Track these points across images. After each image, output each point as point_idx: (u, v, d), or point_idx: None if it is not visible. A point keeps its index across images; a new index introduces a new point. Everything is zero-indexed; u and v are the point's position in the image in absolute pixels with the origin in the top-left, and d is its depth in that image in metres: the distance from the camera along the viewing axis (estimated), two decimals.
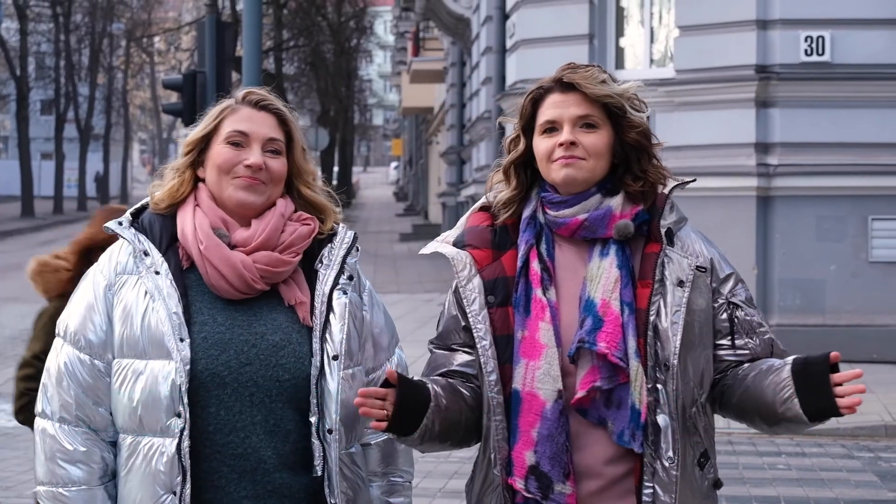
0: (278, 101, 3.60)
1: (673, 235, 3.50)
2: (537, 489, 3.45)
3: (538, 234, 3.55)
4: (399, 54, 57.82)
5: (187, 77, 17.16)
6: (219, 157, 3.51)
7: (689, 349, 3.44)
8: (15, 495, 9.73)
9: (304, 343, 3.46)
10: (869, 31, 15.64)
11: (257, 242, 3.45)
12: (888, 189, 15.55)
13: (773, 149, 15.70)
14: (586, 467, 3.45)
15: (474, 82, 27.51)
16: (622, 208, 3.49)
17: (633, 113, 3.52)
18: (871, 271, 15.62)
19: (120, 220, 3.55)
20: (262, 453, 3.41)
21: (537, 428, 3.44)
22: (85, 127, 59.56)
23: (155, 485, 3.37)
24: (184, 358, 3.35)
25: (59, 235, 44.86)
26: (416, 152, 59.39)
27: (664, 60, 17.07)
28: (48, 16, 57.59)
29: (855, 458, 11.17)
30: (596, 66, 3.60)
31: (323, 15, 41.15)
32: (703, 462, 3.49)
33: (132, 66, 65.47)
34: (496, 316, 3.51)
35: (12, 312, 22.09)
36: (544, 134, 3.52)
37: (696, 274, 3.47)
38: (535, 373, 3.45)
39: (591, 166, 3.49)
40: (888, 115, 15.55)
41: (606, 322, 3.42)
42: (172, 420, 3.35)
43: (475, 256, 3.56)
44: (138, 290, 3.44)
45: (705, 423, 3.51)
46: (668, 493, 3.41)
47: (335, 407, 3.42)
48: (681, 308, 3.43)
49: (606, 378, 3.41)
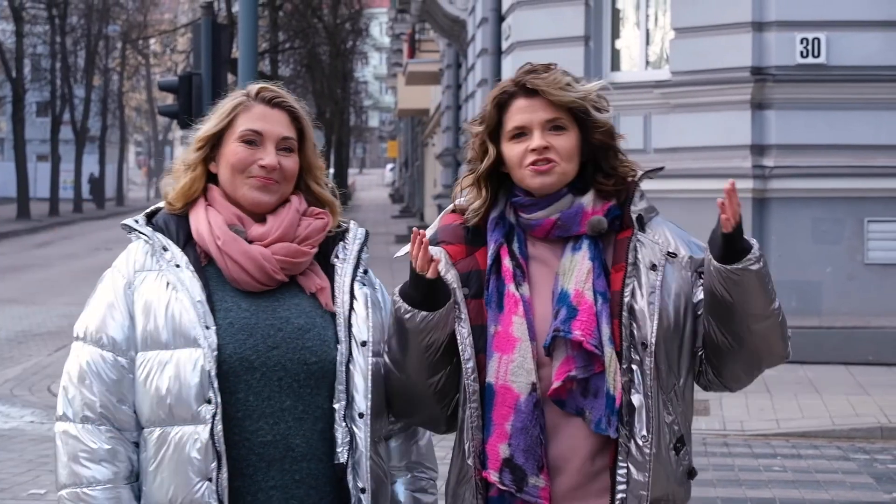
0: (291, 98, 3.59)
1: (644, 222, 3.54)
2: (512, 482, 3.46)
3: (508, 233, 3.58)
4: (395, 56, 57.79)
5: (183, 79, 17.16)
6: (233, 157, 3.50)
7: (664, 332, 3.46)
8: (10, 497, 9.71)
9: (328, 328, 3.48)
10: (865, 32, 15.64)
11: (275, 236, 3.47)
12: (884, 191, 15.55)
13: (769, 151, 15.70)
14: (563, 460, 3.47)
15: (470, 84, 27.50)
16: (593, 205, 3.54)
17: (595, 114, 3.55)
18: (867, 273, 15.62)
19: (136, 219, 3.55)
20: (291, 441, 3.41)
21: (511, 421, 3.45)
22: (81, 129, 59.53)
23: (189, 472, 3.35)
24: (211, 344, 3.35)
25: (54, 237, 44.86)
26: (411, 154, 59.39)
27: (660, 62, 17.07)
28: (44, 18, 57.54)
29: (850, 460, 11.17)
30: (554, 65, 3.61)
31: (319, 17, 41.15)
32: (678, 447, 3.51)
33: (128, 68, 65.42)
34: (471, 306, 3.54)
35: (9, 314, 22.05)
36: (513, 140, 3.55)
37: (668, 259, 3.51)
38: (508, 366, 3.47)
39: (563, 169, 3.53)
40: (884, 117, 15.56)
41: (580, 311, 3.45)
42: (203, 406, 3.34)
43: (449, 251, 3.60)
44: (159, 284, 3.43)
45: (683, 409, 3.53)
46: (642, 471, 3.43)
47: (365, 389, 3.43)
48: (655, 290, 3.46)
49: (582, 367, 3.44)
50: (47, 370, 16.01)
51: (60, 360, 17.66)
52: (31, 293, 25.74)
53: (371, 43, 64.59)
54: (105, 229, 49.62)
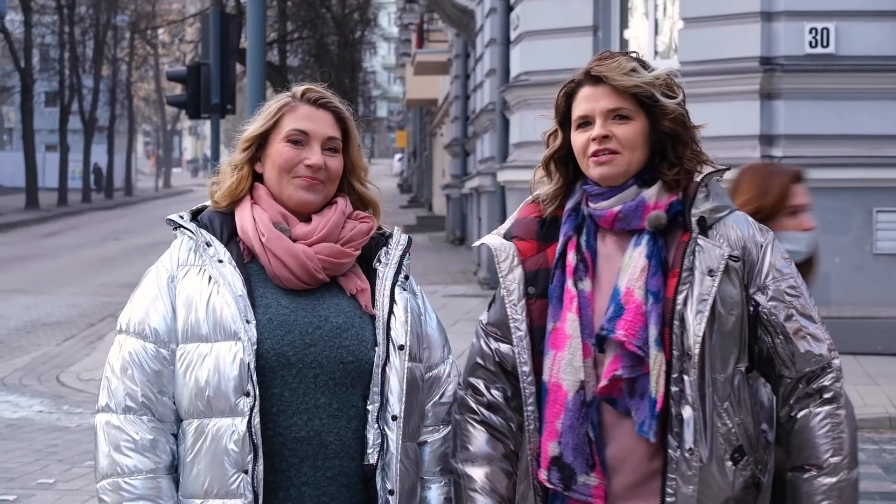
0: (336, 99, 3.62)
1: (706, 224, 3.46)
2: (559, 480, 3.46)
3: (579, 225, 3.55)
4: (403, 46, 57.73)
5: (191, 69, 17.19)
6: (279, 157, 3.53)
7: (717, 340, 3.41)
8: (19, 486, 9.73)
9: (367, 329, 3.50)
10: (873, 22, 15.61)
11: (319, 236, 3.50)
12: (893, 181, 15.53)
13: (778, 141, 15.69)
14: (618, 460, 3.45)
15: (478, 74, 27.48)
16: (657, 199, 3.48)
17: (664, 100, 3.50)
18: (875, 264, 15.61)
19: (181, 214, 3.58)
20: (325, 437, 3.43)
21: (561, 419, 3.45)
22: (89, 119, 59.52)
23: (225, 464, 3.38)
24: (251, 338, 3.38)
25: (63, 227, 44.88)
26: (420, 144, 59.35)
27: (668, 52, 17.06)
28: (52, 8, 57.50)
29: (859, 451, 11.15)
30: (626, 54, 3.57)
31: (327, 7, 41.07)
32: (736, 457, 3.45)
33: (136, 58, 65.43)
34: (535, 307, 3.53)
35: (17, 304, 22.08)
36: (579, 129, 3.53)
37: (729, 263, 3.43)
38: (560, 363, 3.46)
39: (627, 159, 3.48)
40: (893, 107, 15.53)
41: (627, 310, 3.41)
42: (241, 399, 3.37)
43: (520, 247, 3.59)
44: (202, 278, 3.47)
45: (743, 418, 3.46)
46: (689, 484, 3.39)
47: (400, 392, 3.45)
48: (708, 298, 3.39)
49: (628, 367, 3.41)
50: (56, 360, 16.04)
51: (69, 350, 17.72)
52: (39, 283, 25.77)
53: (379, 33, 64.54)
54: (113, 219, 49.67)
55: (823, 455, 3.45)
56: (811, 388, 3.49)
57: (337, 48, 42.97)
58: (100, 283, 25.57)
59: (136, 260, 31.03)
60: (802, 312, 3.51)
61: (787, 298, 3.48)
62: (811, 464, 3.46)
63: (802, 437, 3.47)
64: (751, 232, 3.51)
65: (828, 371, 3.52)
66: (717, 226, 3.49)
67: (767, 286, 3.48)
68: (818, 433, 3.46)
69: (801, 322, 3.50)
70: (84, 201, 59.17)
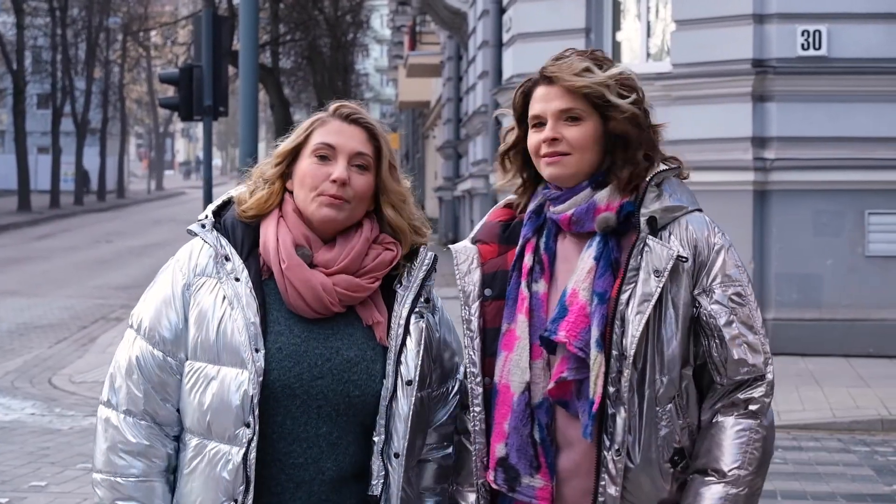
0: (369, 116, 3.56)
1: (657, 224, 3.42)
2: (504, 481, 3.45)
3: (539, 227, 3.53)
4: (395, 48, 57.71)
5: (184, 71, 17.16)
6: (304, 173, 3.48)
7: (658, 342, 3.37)
8: (11, 489, 9.71)
9: (378, 361, 3.46)
10: (865, 25, 15.63)
11: (340, 266, 3.44)
12: (885, 183, 15.54)
13: (770, 143, 15.70)
14: (573, 463, 3.42)
15: (471, 76, 27.49)
16: (608, 200, 3.44)
17: (616, 100, 3.44)
18: (867, 266, 15.62)
19: (203, 223, 3.53)
20: (322, 465, 3.42)
21: (508, 420, 3.43)
22: (81, 121, 59.45)
23: (217, 490, 3.38)
24: (258, 369, 3.36)
25: (55, 229, 44.83)
26: (412, 146, 59.37)
27: (661, 55, 17.06)
28: (45, 10, 57.45)
29: (851, 452, 11.17)
30: (582, 52, 3.54)
31: (320, 9, 41.05)
32: (676, 460, 3.41)
33: (129, 61, 65.36)
34: (489, 308, 3.51)
35: (10, 306, 22.05)
36: (534, 129, 3.51)
37: (677, 263, 3.38)
38: (509, 365, 3.45)
39: (577, 160, 3.45)
40: (885, 109, 15.55)
41: (570, 311, 3.39)
42: (241, 430, 3.36)
43: (481, 251, 3.58)
44: (216, 295, 3.43)
45: (684, 422, 3.42)
46: (614, 485, 3.36)
47: (404, 431, 3.43)
48: (650, 298, 3.35)
49: (574, 369, 3.38)
50: (48, 362, 16.00)
51: (61, 353, 17.69)
52: (32, 285, 25.74)
53: (372, 35, 64.46)
54: (106, 221, 49.65)
55: (731, 464, 3.37)
56: (738, 397, 3.41)
57: (329, 50, 42.95)
58: (92, 286, 25.54)
59: (129, 262, 31.05)
60: (744, 321, 3.42)
61: (730, 304, 3.41)
62: (715, 469, 3.38)
63: (714, 442, 3.40)
64: (705, 233, 3.45)
65: (759, 383, 3.43)
66: (671, 226, 3.44)
67: (713, 290, 3.42)
68: (732, 442, 3.38)
69: (740, 329, 3.42)
70: (76, 203, 59.11)
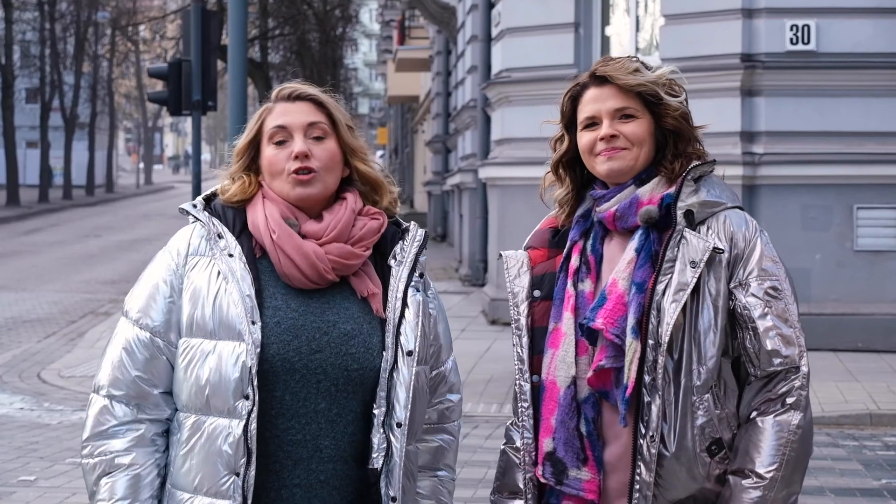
0: (311, 88, 3.62)
1: (694, 218, 3.49)
2: (551, 475, 3.51)
3: (587, 230, 3.61)
4: (384, 43, 57.68)
5: (172, 65, 17.13)
6: (269, 162, 3.53)
7: (694, 332, 3.43)
8: (0, 484, 9.71)
9: (374, 334, 3.48)
10: (854, 19, 15.66)
11: (330, 236, 3.48)
12: (873, 178, 15.58)
13: (759, 137, 15.72)
14: (618, 457, 3.48)
15: (460, 71, 27.48)
16: (651, 194, 3.53)
17: (668, 98, 3.57)
18: (856, 260, 15.66)
19: (194, 203, 3.57)
20: (321, 442, 3.43)
21: (555, 415, 3.50)
22: (70, 115, 59.39)
23: (218, 464, 3.38)
24: (255, 341, 3.37)
25: (44, 224, 44.78)
26: (401, 141, 59.35)
27: (650, 49, 17.07)
28: (33, 4, 57.38)
29: (840, 447, 11.19)
30: (629, 56, 3.66)
31: (308, 4, 40.97)
32: (713, 450, 3.45)
33: (117, 55, 65.16)
34: (537, 308, 3.60)
35: None
36: (586, 129, 3.58)
37: (713, 255, 3.44)
38: (556, 361, 3.52)
39: (635, 154, 3.55)
40: (873, 103, 15.58)
41: (609, 300, 3.47)
42: (240, 402, 3.36)
43: (531, 256, 3.67)
44: (210, 272, 3.45)
45: (722, 413, 3.46)
46: (648, 471, 3.42)
47: (406, 400, 3.44)
48: (686, 288, 3.41)
49: (612, 357, 3.45)
50: (37, 357, 15.99)
51: (50, 347, 17.66)
52: (20, 280, 25.71)
53: (361, 30, 64.47)
54: (95, 216, 49.58)
55: (768, 466, 3.42)
56: (775, 392, 3.45)
57: (318, 45, 42.90)
58: (81, 280, 25.53)
59: (118, 257, 31.01)
60: (778, 314, 3.47)
61: (765, 298, 3.46)
62: (752, 470, 3.42)
63: (752, 443, 3.43)
64: (743, 228, 3.52)
65: (793, 375, 3.46)
66: (709, 220, 3.51)
67: (749, 283, 3.47)
68: (769, 443, 3.43)
69: (774, 321, 3.46)
70: (65, 198, 59.05)
